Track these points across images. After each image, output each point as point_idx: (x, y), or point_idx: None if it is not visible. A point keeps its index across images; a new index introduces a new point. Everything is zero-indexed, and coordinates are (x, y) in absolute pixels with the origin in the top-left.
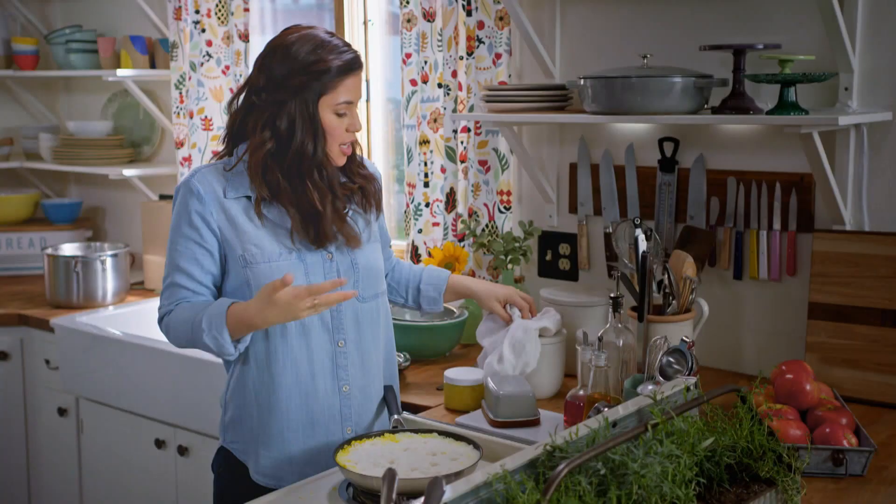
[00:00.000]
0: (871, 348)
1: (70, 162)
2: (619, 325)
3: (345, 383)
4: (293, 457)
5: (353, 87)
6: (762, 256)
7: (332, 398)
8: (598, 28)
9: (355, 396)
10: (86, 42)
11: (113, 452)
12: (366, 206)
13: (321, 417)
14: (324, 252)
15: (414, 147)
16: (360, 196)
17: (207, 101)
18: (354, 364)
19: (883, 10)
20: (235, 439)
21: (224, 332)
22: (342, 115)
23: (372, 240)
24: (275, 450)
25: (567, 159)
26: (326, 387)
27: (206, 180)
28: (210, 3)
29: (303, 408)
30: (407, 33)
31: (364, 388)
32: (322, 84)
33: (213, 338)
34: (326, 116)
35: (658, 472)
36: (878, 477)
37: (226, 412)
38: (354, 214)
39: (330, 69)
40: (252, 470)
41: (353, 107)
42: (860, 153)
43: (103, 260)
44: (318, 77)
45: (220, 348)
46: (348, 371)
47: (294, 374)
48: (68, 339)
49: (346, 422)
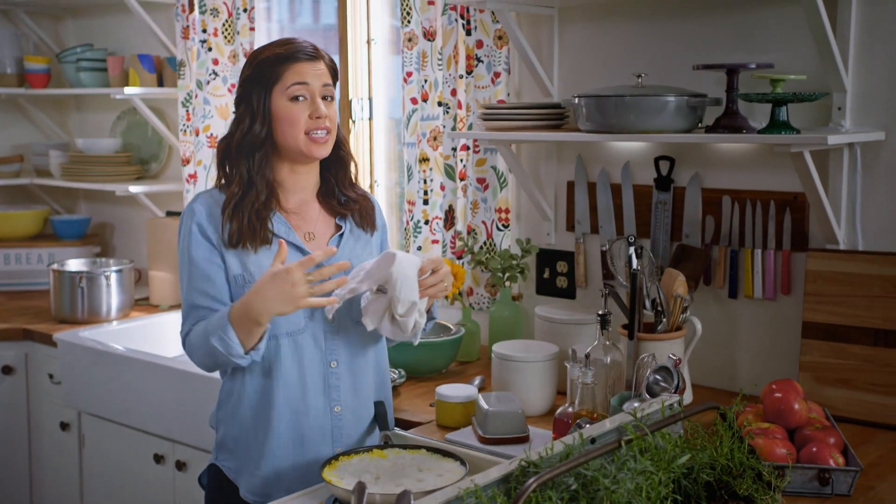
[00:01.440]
0: (864, 368)
1: (79, 178)
2: (607, 343)
3: (336, 403)
4: (282, 474)
5: (305, 73)
6: (757, 275)
7: (324, 418)
8: (596, 47)
9: (346, 417)
10: (96, 61)
11: (113, 467)
12: (364, 224)
13: (312, 436)
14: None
15: (414, 165)
16: (358, 216)
17: (213, 118)
18: (346, 385)
19: (875, 30)
20: (227, 458)
21: (228, 329)
22: (298, 98)
23: (369, 259)
24: (265, 468)
25: (564, 177)
26: (318, 406)
27: (205, 201)
28: (217, 22)
29: (294, 426)
30: (408, 52)
31: (355, 409)
32: (269, 73)
33: (220, 338)
34: (280, 103)
35: (630, 488)
36: (864, 497)
37: (217, 431)
38: (356, 230)
39: (270, 57)
40: (242, 488)
41: (312, 92)
42: (853, 173)
43: (108, 275)
44: (260, 66)
45: (229, 349)
46: (340, 392)
47: (286, 392)
48: (71, 354)
49: (336, 442)
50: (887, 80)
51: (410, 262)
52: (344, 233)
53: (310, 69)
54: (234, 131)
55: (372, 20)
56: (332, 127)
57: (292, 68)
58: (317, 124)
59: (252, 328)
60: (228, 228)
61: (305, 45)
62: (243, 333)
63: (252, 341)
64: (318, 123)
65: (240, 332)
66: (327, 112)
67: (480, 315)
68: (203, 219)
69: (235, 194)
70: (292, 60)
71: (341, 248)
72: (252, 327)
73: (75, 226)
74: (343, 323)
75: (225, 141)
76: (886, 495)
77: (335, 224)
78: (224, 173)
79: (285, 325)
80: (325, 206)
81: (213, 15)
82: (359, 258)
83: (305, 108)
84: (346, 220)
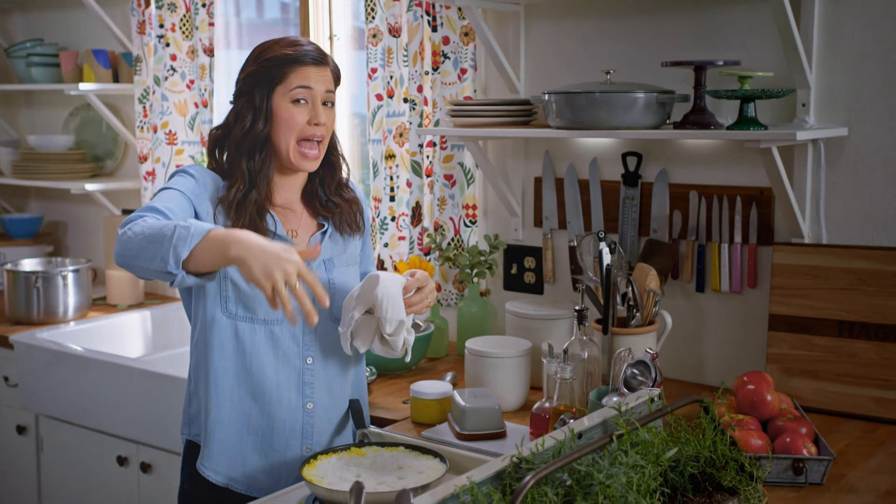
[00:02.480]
0: (829, 359)
1: (31, 176)
2: (584, 338)
3: (309, 400)
4: (247, 461)
5: (309, 77)
6: (724, 269)
7: (296, 413)
8: (562, 44)
9: (318, 415)
10: (47, 56)
11: (74, 471)
12: (342, 229)
13: (282, 430)
14: None
15: (380, 161)
16: (338, 219)
17: (172, 115)
18: (321, 383)
19: (837, 26)
20: (199, 432)
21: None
22: (299, 101)
23: (349, 262)
24: (231, 448)
25: (532, 173)
26: (291, 401)
27: (204, 171)
28: (175, 17)
29: (264, 417)
30: (373, 48)
31: (328, 408)
32: (273, 73)
33: (183, 230)
34: (280, 104)
35: (623, 483)
36: (836, 485)
37: (190, 404)
38: (334, 234)
39: (277, 57)
40: (201, 457)
41: (315, 97)
42: (817, 168)
43: (65, 275)
44: (266, 65)
45: (178, 248)
46: (314, 388)
47: (260, 381)
48: (28, 356)
49: (306, 439)
50: (849, 77)
51: (395, 282)
52: (327, 231)
53: (315, 74)
54: (231, 123)
55: (335, 16)
56: (326, 135)
57: (298, 71)
58: (313, 131)
59: (213, 255)
60: (231, 224)
61: (312, 48)
62: (202, 250)
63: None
64: (314, 130)
65: (200, 246)
66: (326, 118)
67: (448, 311)
68: (200, 178)
69: (240, 191)
70: (299, 63)
71: (323, 248)
72: (214, 254)
73: (27, 225)
74: (322, 321)
75: (220, 130)
76: (857, 482)
77: (317, 223)
78: (215, 160)
79: (262, 311)
80: (307, 206)
81: (171, 10)
82: (337, 259)
83: (305, 112)
84: (328, 220)
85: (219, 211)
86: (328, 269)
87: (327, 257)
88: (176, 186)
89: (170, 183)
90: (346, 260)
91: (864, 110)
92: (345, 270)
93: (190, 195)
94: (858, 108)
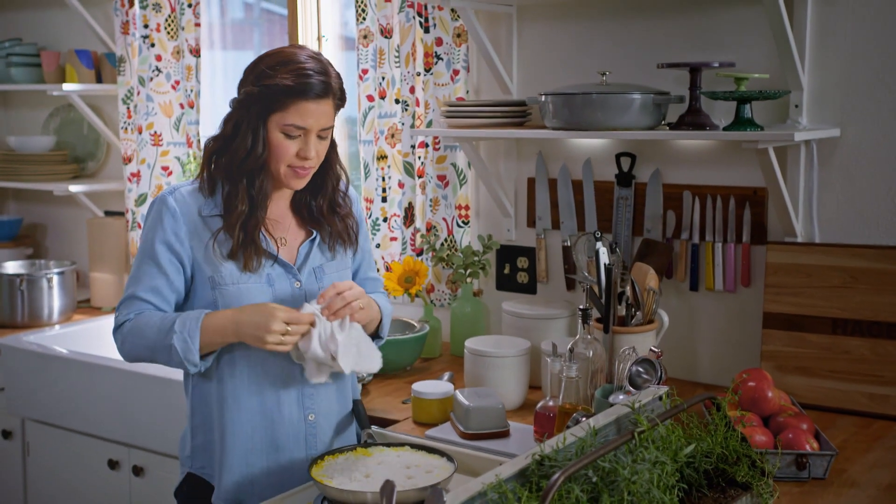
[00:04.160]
0: (823, 356)
1: (10, 178)
2: (588, 337)
3: (311, 412)
4: (255, 479)
5: (307, 114)
6: (717, 268)
7: (298, 426)
8: (555, 45)
9: (321, 425)
10: (27, 56)
11: (62, 475)
12: (332, 244)
13: (286, 443)
14: (293, 279)
15: (371, 162)
16: (327, 232)
17: (157, 115)
18: (321, 393)
19: (828, 27)
20: (204, 464)
21: (196, 336)
22: (291, 137)
23: (340, 268)
24: (237, 473)
25: (525, 174)
26: (292, 414)
27: (183, 198)
28: (160, 17)
29: (267, 433)
30: (364, 49)
31: (329, 415)
32: (270, 100)
33: (184, 340)
34: (274, 133)
35: (647, 479)
36: (838, 479)
37: (194, 437)
38: (322, 245)
39: (278, 86)
40: (214, 495)
41: (309, 134)
42: (810, 168)
43: (49, 278)
44: (266, 91)
45: (187, 353)
46: (315, 400)
47: (259, 399)
48: (13, 359)
49: (310, 449)
50: (841, 79)
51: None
52: (315, 239)
53: (314, 109)
54: (229, 137)
55: (323, 17)
56: (316, 164)
57: (297, 106)
58: (301, 163)
59: (216, 341)
60: (232, 244)
61: (317, 81)
62: (205, 341)
63: (208, 350)
64: (302, 163)
65: (203, 339)
66: (317, 150)
67: (442, 311)
68: (179, 214)
69: (243, 213)
70: (300, 98)
71: (311, 255)
72: (217, 340)
73: (7, 227)
74: None
75: (217, 143)
76: (858, 476)
77: (307, 230)
78: (209, 173)
79: None
80: (296, 214)
81: (156, 10)
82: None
83: (296, 145)
84: (316, 230)
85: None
86: (318, 278)
87: (317, 265)
88: (158, 254)
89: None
90: (336, 266)
91: (855, 111)
92: (336, 276)
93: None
94: (850, 109)
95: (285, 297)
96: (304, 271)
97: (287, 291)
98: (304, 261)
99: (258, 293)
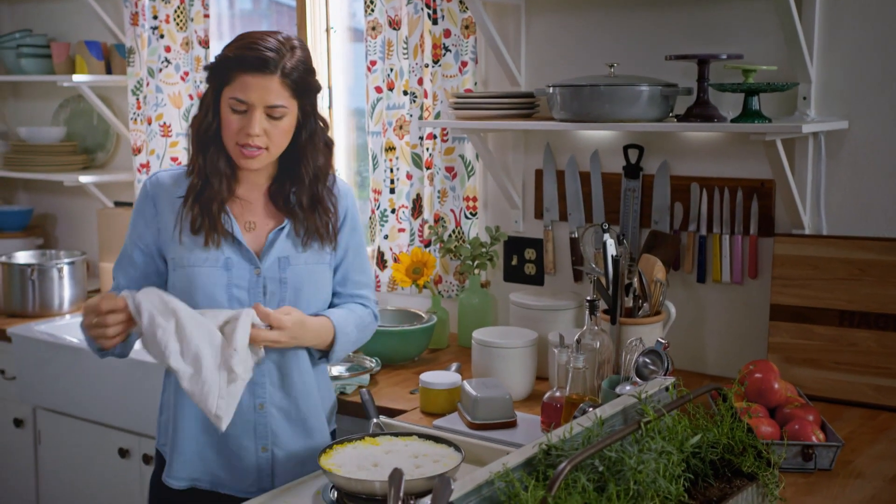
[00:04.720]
0: (830, 348)
1: (21, 168)
2: (595, 328)
3: (261, 401)
4: (207, 460)
5: (248, 87)
6: (725, 260)
7: (247, 414)
8: (563, 37)
9: (273, 415)
10: (37, 47)
11: (73, 463)
12: (305, 239)
13: (233, 430)
14: (252, 266)
15: (379, 154)
16: (301, 225)
17: (166, 107)
18: (273, 383)
19: (837, 18)
20: (165, 442)
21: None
22: (236, 111)
23: (309, 262)
24: (187, 452)
25: (532, 165)
26: (241, 401)
27: (158, 182)
28: (169, 8)
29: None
30: (372, 41)
31: (284, 408)
32: (221, 73)
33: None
34: (223, 107)
35: (653, 468)
36: (844, 470)
37: (161, 414)
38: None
39: (224, 57)
40: (168, 468)
41: (254, 110)
42: (818, 160)
43: (60, 268)
44: (217, 65)
45: (89, 344)
46: (265, 388)
47: None
48: (24, 348)
49: (260, 439)
50: (849, 71)
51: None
52: (285, 228)
53: (255, 84)
54: (197, 114)
55: (331, 9)
56: (268, 145)
57: (239, 78)
58: (246, 140)
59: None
60: (190, 218)
61: (258, 55)
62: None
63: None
64: (247, 140)
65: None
66: (265, 129)
67: (449, 303)
68: (150, 198)
69: (195, 185)
70: (240, 70)
71: (277, 244)
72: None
73: (17, 217)
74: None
75: (193, 120)
76: (864, 468)
77: (280, 219)
78: (189, 154)
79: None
80: (271, 200)
81: (165, 1)
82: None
83: (240, 121)
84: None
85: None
86: (282, 268)
87: (283, 255)
88: (132, 234)
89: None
90: (306, 259)
91: (864, 103)
92: (303, 269)
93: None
94: (859, 102)
95: (241, 284)
96: (266, 259)
97: (244, 278)
98: (269, 249)
99: (209, 278)
